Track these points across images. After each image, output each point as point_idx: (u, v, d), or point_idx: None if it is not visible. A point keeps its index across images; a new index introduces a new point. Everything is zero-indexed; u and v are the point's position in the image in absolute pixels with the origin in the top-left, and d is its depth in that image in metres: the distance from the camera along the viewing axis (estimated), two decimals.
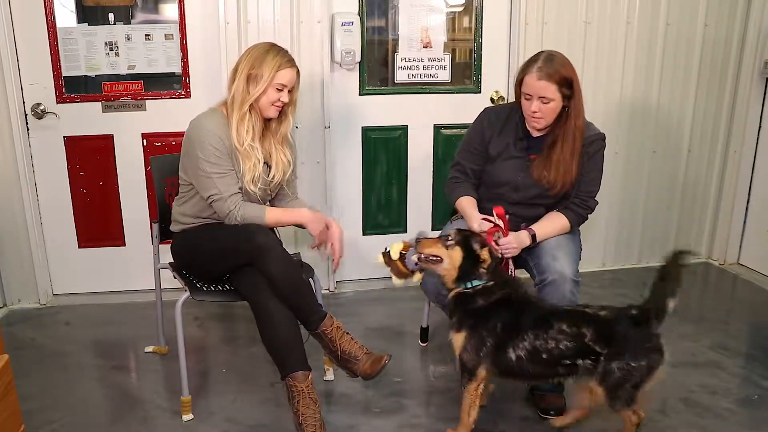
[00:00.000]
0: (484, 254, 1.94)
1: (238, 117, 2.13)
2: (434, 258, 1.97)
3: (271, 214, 2.15)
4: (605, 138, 2.24)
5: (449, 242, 1.96)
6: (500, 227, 2.11)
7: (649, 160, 3.48)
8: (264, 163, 2.22)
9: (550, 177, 2.18)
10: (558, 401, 2.21)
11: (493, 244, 2.06)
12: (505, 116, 2.27)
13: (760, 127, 3.48)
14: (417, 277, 2.20)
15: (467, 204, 2.28)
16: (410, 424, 2.19)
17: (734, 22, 3.34)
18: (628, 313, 1.88)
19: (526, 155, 2.23)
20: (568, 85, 2.09)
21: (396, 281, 2.19)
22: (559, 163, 2.16)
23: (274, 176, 2.24)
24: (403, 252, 2.14)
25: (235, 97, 2.13)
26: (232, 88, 2.15)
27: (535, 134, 2.23)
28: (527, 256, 2.24)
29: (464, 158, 2.35)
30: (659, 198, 3.57)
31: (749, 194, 3.58)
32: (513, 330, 1.90)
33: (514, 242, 2.10)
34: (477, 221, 2.15)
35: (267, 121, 2.22)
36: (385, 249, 2.18)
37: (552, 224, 2.20)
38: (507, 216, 2.13)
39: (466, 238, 1.97)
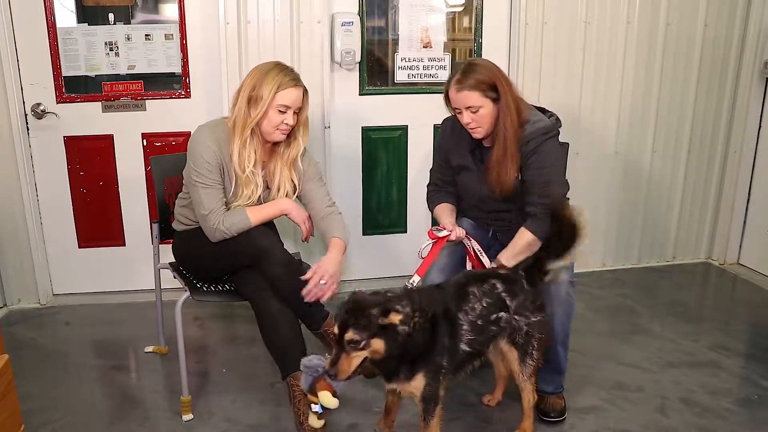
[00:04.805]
0: (394, 318, 1.67)
1: (240, 142, 2.06)
2: (361, 364, 1.70)
3: (253, 214, 2.08)
4: (551, 130, 2.10)
5: (362, 344, 1.65)
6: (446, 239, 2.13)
7: (649, 160, 3.48)
8: (267, 187, 2.18)
9: (490, 183, 2.14)
10: (558, 402, 2.21)
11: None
12: (460, 126, 2.21)
13: (760, 127, 3.48)
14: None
15: (441, 212, 2.30)
16: (410, 423, 2.18)
17: (734, 22, 3.34)
18: (519, 273, 1.97)
19: (482, 165, 2.21)
20: (492, 88, 2.05)
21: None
22: (494, 165, 2.11)
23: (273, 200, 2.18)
24: (332, 391, 1.79)
25: (237, 120, 2.07)
26: (234, 110, 2.09)
27: (487, 144, 2.20)
28: None
29: (436, 170, 2.39)
30: (659, 198, 3.57)
31: (749, 194, 3.58)
32: (452, 330, 1.82)
33: None
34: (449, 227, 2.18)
35: (275, 143, 2.16)
36: (318, 411, 1.82)
37: (514, 246, 2.09)
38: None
39: (368, 326, 1.65)
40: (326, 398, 1.77)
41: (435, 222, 3.31)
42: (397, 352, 1.70)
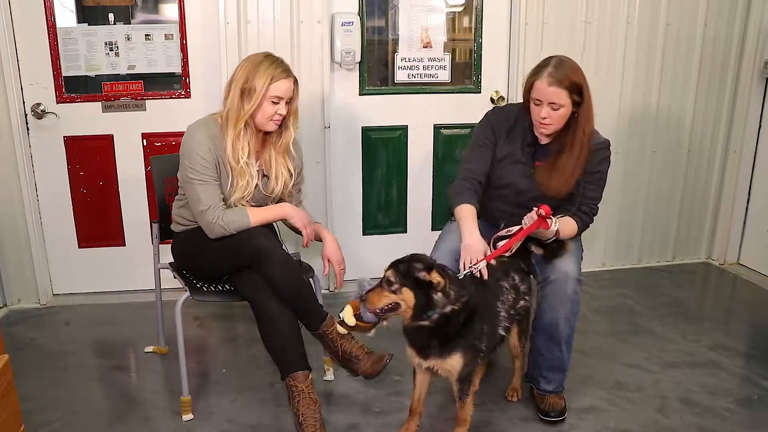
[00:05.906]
0: (434, 277, 1.79)
1: (233, 134, 2.07)
2: (390, 306, 1.82)
3: (253, 214, 2.08)
4: (610, 145, 2.21)
5: (394, 287, 1.79)
6: (511, 240, 2.03)
7: (649, 160, 3.48)
8: (264, 175, 2.19)
9: (551, 184, 2.14)
10: (558, 402, 2.21)
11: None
12: (513, 119, 2.22)
13: (760, 127, 3.49)
14: (385, 322, 1.97)
15: (467, 214, 2.14)
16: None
17: (734, 22, 3.35)
18: (520, 264, 2.16)
19: (532, 162, 2.20)
20: (578, 91, 2.06)
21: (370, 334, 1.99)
22: (563, 170, 2.12)
23: (273, 189, 2.20)
24: (357, 313, 1.93)
25: (230, 113, 2.07)
26: (226, 103, 2.09)
27: (543, 141, 2.20)
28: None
29: (473, 159, 2.26)
30: (659, 198, 3.57)
31: (749, 194, 3.59)
32: (492, 318, 1.97)
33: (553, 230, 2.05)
34: (472, 239, 2.03)
35: (266, 133, 2.17)
36: (340, 318, 1.98)
37: (566, 228, 2.13)
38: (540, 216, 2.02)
39: (407, 273, 1.79)
40: (347, 312, 1.92)
41: (438, 220, 3.33)
42: (425, 317, 1.81)
